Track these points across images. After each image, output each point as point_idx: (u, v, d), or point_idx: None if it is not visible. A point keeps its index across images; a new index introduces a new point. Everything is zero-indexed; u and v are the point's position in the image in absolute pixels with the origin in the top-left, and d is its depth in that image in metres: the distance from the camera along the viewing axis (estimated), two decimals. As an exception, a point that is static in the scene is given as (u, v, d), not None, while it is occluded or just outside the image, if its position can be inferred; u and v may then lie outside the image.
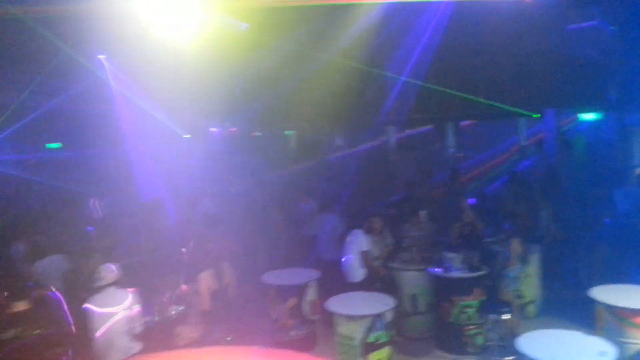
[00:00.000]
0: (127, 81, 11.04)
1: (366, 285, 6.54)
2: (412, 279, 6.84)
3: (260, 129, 14.16)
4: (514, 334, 5.37)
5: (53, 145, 14.65)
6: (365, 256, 6.71)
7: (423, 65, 9.55)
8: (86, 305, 4.69)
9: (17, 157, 13.58)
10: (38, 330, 4.28)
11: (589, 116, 10.20)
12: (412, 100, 10.03)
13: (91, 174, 12.66)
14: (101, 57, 10.95)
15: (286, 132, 14.40)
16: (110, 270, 4.83)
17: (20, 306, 4.38)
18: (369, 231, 6.85)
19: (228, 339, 5.74)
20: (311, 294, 6.66)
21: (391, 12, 8.84)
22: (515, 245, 6.32)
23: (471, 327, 6.24)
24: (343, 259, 6.84)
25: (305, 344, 6.52)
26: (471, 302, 6.24)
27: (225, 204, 9.15)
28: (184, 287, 5.96)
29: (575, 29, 8.87)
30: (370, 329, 5.47)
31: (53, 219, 8.47)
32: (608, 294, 5.46)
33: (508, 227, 6.59)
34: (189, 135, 13.82)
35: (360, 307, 5.69)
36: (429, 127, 12.16)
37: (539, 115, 10.23)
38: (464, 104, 9.52)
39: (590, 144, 10.43)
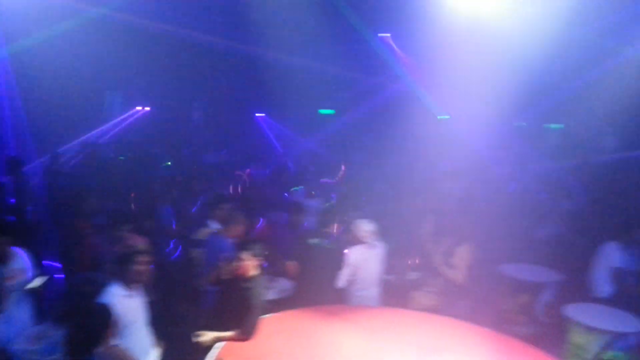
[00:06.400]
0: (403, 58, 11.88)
1: (613, 302, 6.06)
2: (672, 308, 6.08)
3: (524, 119, 13.67)
4: None
5: (326, 111, 16.65)
6: (618, 272, 6.20)
7: None
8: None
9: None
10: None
11: None
12: None
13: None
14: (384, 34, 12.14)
15: (551, 126, 13.65)
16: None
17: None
18: (629, 244, 6.28)
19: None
20: (547, 295, 6.50)
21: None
22: None
23: None
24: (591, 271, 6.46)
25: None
26: None
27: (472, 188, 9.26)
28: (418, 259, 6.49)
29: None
30: (608, 346, 5.16)
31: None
32: None
33: None
34: (446, 117, 14.19)
35: (603, 320, 5.37)
36: None
37: None
38: None
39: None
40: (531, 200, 8.72)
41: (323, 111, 16.39)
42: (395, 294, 5.98)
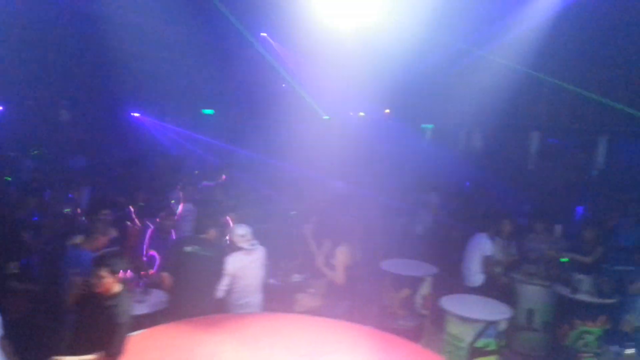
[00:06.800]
0: (285, 59, 11.83)
1: (484, 291, 6.44)
2: (533, 293, 6.62)
3: (399, 120, 14.27)
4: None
5: (208, 111, 16.16)
6: (487, 262, 6.61)
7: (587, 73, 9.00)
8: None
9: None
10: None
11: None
12: (564, 109, 9.52)
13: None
14: (263, 34, 11.97)
15: (423, 125, 14.41)
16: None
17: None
18: (495, 235, 6.72)
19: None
20: (425, 288, 6.74)
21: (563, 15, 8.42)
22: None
23: (587, 354, 5.92)
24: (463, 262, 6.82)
25: (410, 336, 6.62)
26: (593, 329, 5.89)
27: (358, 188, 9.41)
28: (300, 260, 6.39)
29: None
30: (480, 334, 5.43)
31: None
32: None
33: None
34: (328, 117, 14.39)
35: (474, 310, 5.65)
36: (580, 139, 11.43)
37: None
38: (627, 119, 8.80)
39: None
40: (407, 196, 9.05)
41: (206, 111, 15.87)
42: (278, 297, 5.82)
